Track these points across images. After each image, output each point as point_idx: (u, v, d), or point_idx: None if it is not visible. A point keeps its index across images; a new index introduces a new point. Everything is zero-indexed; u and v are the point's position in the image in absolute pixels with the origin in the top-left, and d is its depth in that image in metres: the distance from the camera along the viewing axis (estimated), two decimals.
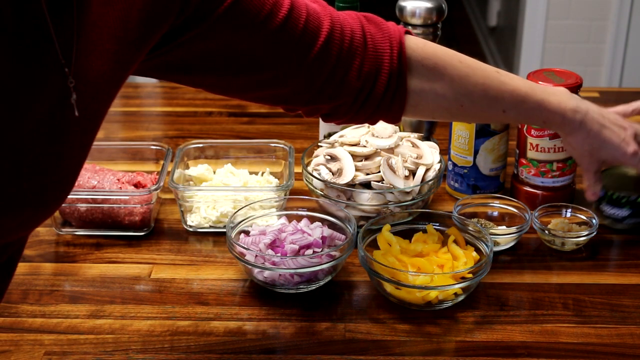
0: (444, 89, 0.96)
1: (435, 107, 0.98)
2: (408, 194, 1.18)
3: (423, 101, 0.96)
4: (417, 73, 0.95)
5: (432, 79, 0.95)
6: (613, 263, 1.15)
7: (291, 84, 0.91)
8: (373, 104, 0.94)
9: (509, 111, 1.00)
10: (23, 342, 0.99)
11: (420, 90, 0.95)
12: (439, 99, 0.97)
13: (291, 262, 1.04)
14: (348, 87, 0.92)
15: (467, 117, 1.10)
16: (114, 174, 1.22)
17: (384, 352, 0.98)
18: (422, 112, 0.99)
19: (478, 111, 1.00)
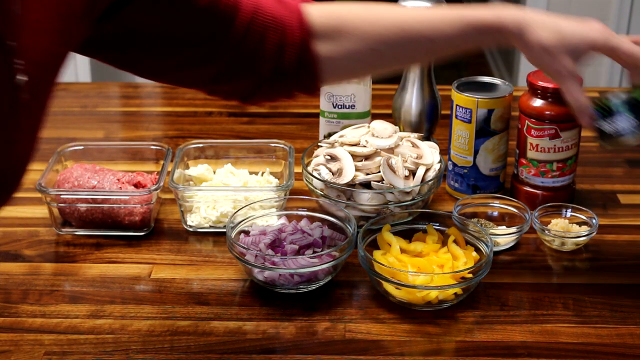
0: (356, 43, 0.94)
1: (355, 65, 0.96)
2: (408, 194, 1.18)
3: (338, 62, 0.95)
4: (323, 37, 0.93)
5: (340, 39, 0.93)
6: (613, 263, 1.15)
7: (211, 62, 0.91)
8: (286, 77, 0.94)
9: (437, 40, 0.95)
10: (23, 342, 0.99)
11: (331, 53, 0.94)
12: (354, 55, 0.94)
13: (291, 262, 1.04)
14: (262, 62, 0.92)
15: (395, 63, 1.01)
16: (114, 174, 1.22)
17: (384, 352, 0.98)
18: (344, 74, 0.98)
19: (402, 52, 0.96)
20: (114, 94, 1.78)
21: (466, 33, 0.95)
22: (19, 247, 1.18)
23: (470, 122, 1.25)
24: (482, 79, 1.30)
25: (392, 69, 1.05)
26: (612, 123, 1.02)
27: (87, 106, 1.67)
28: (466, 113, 1.25)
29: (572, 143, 1.23)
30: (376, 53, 0.95)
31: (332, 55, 0.94)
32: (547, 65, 0.98)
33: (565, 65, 0.96)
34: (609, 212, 1.27)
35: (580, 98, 0.99)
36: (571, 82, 0.98)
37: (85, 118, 1.62)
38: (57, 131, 1.56)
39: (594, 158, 1.45)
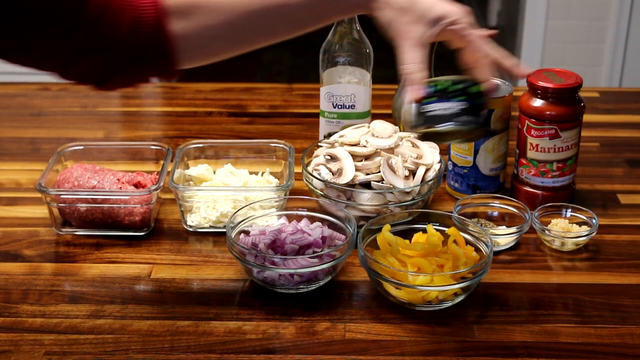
0: (210, 18, 0.92)
1: (212, 41, 0.94)
2: (408, 194, 1.18)
3: (195, 41, 0.93)
4: (177, 14, 0.92)
5: (193, 14, 0.92)
6: (613, 263, 1.15)
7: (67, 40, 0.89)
8: (141, 58, 0.92)
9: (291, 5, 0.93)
10: (23, 342, 0.99)
11: (186, 30, 0.92)
12: (209, 31, 0.93)
13: (291, 262, 1.04)
14: (116, 40, 0.90)
15: (256, 36, 0.97)
16: (114, 174, 1.22)
17: (384, 352, 0.98)
18: (202, 53, 0.95)
19: (259, 23, 0.94)
20: (114, 94, 1.78)
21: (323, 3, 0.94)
22: (19, 247, 1.18)
23: None
24: None
25: (257, 43, 1.01)
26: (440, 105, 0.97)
27: (87, 106, 1.67)
28: None
29: (572, 143, 1.24)
30: (233, 27, 0.93)
31: (186, 33, 0.92)
32: (393, 24, 0.95)
33: (412, 28, 0.94)
34: (609, 212, 1.27)
35: (415, 66, 0.95)
36: (412, 46, 0.95)
37: (85, 118, 1.62)
38: (57, 131, 1.56)
39: (594, 158, 1.45)
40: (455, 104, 0.95)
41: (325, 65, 1.34)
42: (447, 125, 0.96)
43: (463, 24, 0.97)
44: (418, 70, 0.95)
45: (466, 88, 0.97)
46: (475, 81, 0.99)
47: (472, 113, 0.96)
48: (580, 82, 1.22)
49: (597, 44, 3.29)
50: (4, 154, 1.47)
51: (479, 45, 0.98)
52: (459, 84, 0.97)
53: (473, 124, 0.97)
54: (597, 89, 1.81)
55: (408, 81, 0.96)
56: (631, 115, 1.65)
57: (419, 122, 0.96)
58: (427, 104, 0.96)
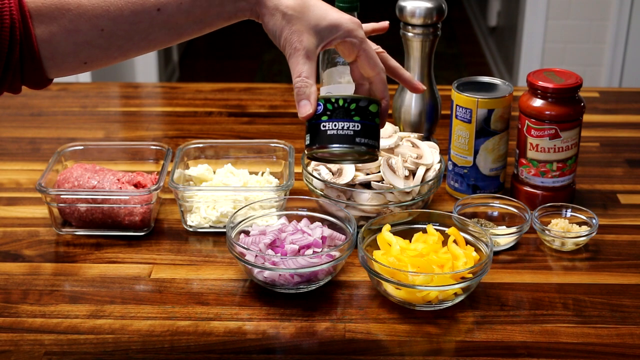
0: (77, 22, 0.84)
1: (79, 47, 0.85)
2: (408, 194, 1.18)
3: (60, 46, 0.85)
4: (40, 19, 0.84)
5: (56, 17, 0.84)
6: (613, 263, 1.15)
7: None
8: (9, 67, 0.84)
9: (166, 9, 0.85)
10: (23, 342, 0.99)
11: (49, 36, 0.84)
12: (74, 35, 0.85)
13: (291, 262, 1.04)
14: None
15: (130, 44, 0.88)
16: (114, 174, 1.22)
17: (384, 352, 0.98)
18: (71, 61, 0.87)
19: (133, 29, 0.86)
20: (114, 94, 1.78)
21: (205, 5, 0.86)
22: (19, 247, 1.18)
23: (470, 122, 1.25)
24: (482, 79, 1.30)
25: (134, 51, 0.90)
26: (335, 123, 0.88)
27: (87, 106, 1.67)
28: (466, 113, 1.25)
29: (572, 143, 1.24)
30: (101, 31, 0.85)
31: (50, 39, 0.85)
32: (282, 33, 0.88)
33: (302, 38, 0.87)
34: (609, 212, 1.27)
35: (307, 81, 0.88)
36: (303, 59, 0.87)
37: (85, 118, 1.62)
38: (57, 131, 1.56)
39: (594, 158, 1.45)
40: (349, 124, 0.87)
41: (325, 65, 1.34)
42: (340, 147, 0.88)
43: (356, 37, 0.89)
44: (309, 84, 0.88)
45: (361, 107, 0.88)
46: (371, 100, 0.90)
47: (366, 135, 0.88)
48: (580, 82, 1.22)
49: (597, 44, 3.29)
50: (4, 154, 1.47)
51: (372, 60, 0.90)
52: (353, 103, 0.88)
53: (367, 146, 0.88)
54: (597, 89, 1.81)
55: (297, 96, 0.89)
56: (631, 115, 1.65)
57: (312, 141, 0.89)
58: (324, 121, 0.88)
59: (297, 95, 0.89)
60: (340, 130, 0.86)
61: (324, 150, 0.88)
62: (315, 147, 0.88)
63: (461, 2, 5.08)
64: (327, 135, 0.87)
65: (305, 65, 0.88)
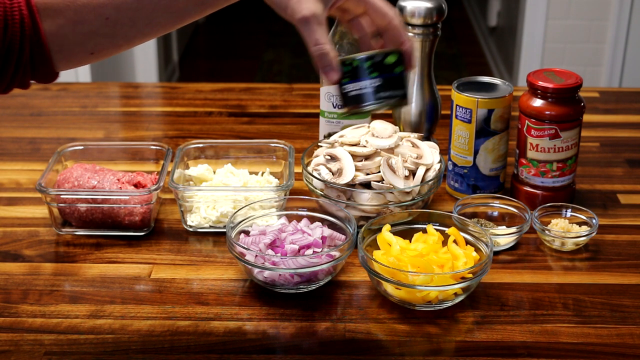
0: (82, 13, 0.85)
1: (85, 38, 0.87)
2: (408, 194, 1.18)
3: (67, 38, 0.86)
4: (47, 13, 0.85)
5: (63, 10, 0.85)
6: (613, 263, 1.15)
7: None
8: (14, 60, 0.85)
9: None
10: (23, 342, 0.99)
11: (57, 28, 0.85)
12: (79, 26, 0.86)
13: (291, 262, 1.04)
14: None
15: (136, 32, 0.89)
16: (114, 174, 1.22)
17: (384, 352, 0.98)
18: (79, 52, 0.88)
19: (137, 16, 0.87)
20: (114, 94, 1.78)
21: None
22: (19, 247, 1.18)
23: (470, 122, 1.25)
24: (482, 79, 1.30)
25: (139, 38, 0.91)
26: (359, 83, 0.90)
27: (87, 106, 1.67)
28: (466, 113, 1.25)
29: (572, 143, 1.24)
30: (105, 20, 0.86)
31: (58, 32, 0.86)
32: (286, 4, 0.85)
33: (307, 5, 0.84)
34: (609, 212, 1.27)
35: (324, 47, 0.86)
36: (315, 26, 0.84)
37: (85, 118, 1.62)
38: (57, 131, 1.56)
39: (594, 158, 1.45)
40: (368, 81, 0.89)
41: None
42: (367, 105, 0.90)
43: None
44: (327, 50, 0.86)
45: (377, 63, 0.89)
46: (386, 52, 0.89)
47: (389, 87, 0.90)
48: (580, 82, 1.22)
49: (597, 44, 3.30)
50: (4, 154, 1.47)
51: (382, 8, 0.88)
52: (368, 60, 0.88)
53: (392, 98, 0.90)
54: (597, 89, 1.81)
55: (320, 64, 0.87)
56: (631, 115, 1.65)
57: (342, 103, 0.90)
58: (345, 84, 0.89)
59: (319, 63, 0.87)
60: (362, 89, 0.88)
61: (354, 110, 0.91)
62: (346, 110, 0.91)
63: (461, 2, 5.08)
64: (351, 97, 0.89)
65: (318, 31, 0.85)
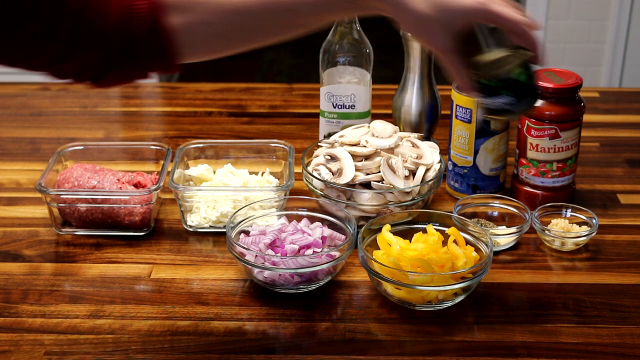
0: (210, 14, 0.89)
1: (211, 38, 0.91)
2: (408, 194, 1.18)
3: (194, 36, 0.89)
4: (176, 8, 0.88)
5: (193, 9, 0.88)
6: (613, 263, 1.15)
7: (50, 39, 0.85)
8: (138, 52, 0.88)
9: (299, 8, 0.89)
10: (23, 342, 0.99)
11: (185, 24, 0.88)
12: (208, 26, 0.89)
13: (291, 262, 1.04)
14: (106, 34, 0.86)
15: (254, 36, 0.94)
16: (114, 174, 1.22)
17: (384, 352, 0.98)
18: (202, 48, 0.92)
19: (260, 23, 0.90)
20: (114, 94, 1.78)
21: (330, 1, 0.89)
22: (19, 247, 1.18)
23: (470, 122, 1.25)
24: None
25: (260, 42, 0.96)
26: (495, 100, 0.98)
27: (87, 106, 1.67)
28: (466, 113, 1.25)
29: (572, 143, 1.24)
30: (234, 25, 0.90)
31: (186, 28, 0.89)
32: (423, 38, 0.92)
33: (442, 40, 0.90)
34: (609, 212, 1.27)
35: (461, 74, 0.94)
36: (450, 56, 0.92)
37: (85, 118, 1.62)
38: (57, 131, 1.56)
39: (594, 158, 1.45)
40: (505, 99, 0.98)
41: (325, 65, 1.34)
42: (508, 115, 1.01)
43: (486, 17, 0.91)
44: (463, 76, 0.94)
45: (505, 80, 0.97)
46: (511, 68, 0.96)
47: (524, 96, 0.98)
48: (580, 82, 1.22)
49: (597, 44, 3.29)
50: (4, 154, 1.47)
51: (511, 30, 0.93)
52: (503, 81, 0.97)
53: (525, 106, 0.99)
54: (597, 89, 1.81)
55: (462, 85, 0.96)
56: (631, 115, 1.65)
57: (482, 113, 1.02)
58: (484, 100, 0.99)
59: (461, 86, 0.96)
60: (499, 104, 0.98)
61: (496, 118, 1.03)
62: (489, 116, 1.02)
63: None
64: (490, 109, 0.98)
65: (454, 61, 0.92)
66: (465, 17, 0.90)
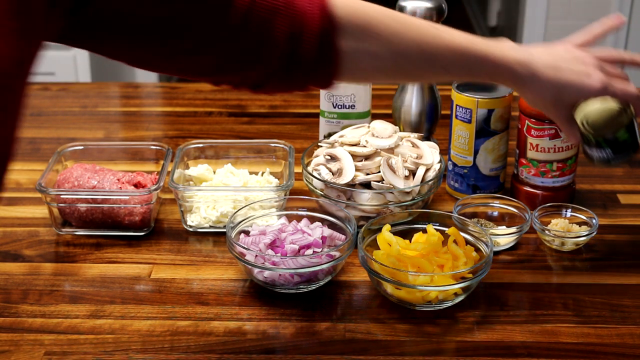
0: (378, 48, 0.92)
1: (371, 69, 0.94)
2: (408, 194, 1.18)
3: (357, 63, 0.92)
4: (348, 33, 0.90)
5: (364, 39, 0.91)
6: (613, 263, 1.15)
7: (210, 50, 0.87)
8: (301, 67, 0.90)
9: (450, 67, 0.97)
10: (23, 342, 0.99)
11: (353, 51, 0.91)
12: (373, 59, 0.93)
13: (291, 262, 1.04)
14: (270, 50, 0.88)
15: (407, 77, 1.05)
16: (114, 174, 1.22)
17: (384, 352, 0.98)
18: (359, 75, 0.96)
19: (417, 70, 0.97)
20: (114, 94, 1.78)
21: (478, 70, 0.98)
22: (19, 247, 1.18)
23: (470, 122, 1.25)
24: None
25: (402, 81, 1.11)
26: (599, 152, 1.09)
27: (87, 106, 1.67)
28: (466, 113, 1.25)
29: (572, 143, 1.23)
30: (394, 64, 0.94)
31: (353, 54, 0.92)
32: (543, 111, 1.06)
33: (561, 112, 1.02)
34: (609, 212, 1.27)
35: (573, 137, 1.06)
36: (566, 125, 1.03)
37: (85, 118, 1.62)
38: (57, 131, 1.56)
39: None
40: (606, 151, 1.09)
41: None
42: (609, 164, 1.11)
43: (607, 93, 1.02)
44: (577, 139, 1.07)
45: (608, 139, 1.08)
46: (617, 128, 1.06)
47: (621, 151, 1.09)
48: None
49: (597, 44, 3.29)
50: None
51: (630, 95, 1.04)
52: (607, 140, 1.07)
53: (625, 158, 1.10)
54: None
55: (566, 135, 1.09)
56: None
57: (589, 159, 1.11)
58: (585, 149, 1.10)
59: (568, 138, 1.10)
60: (601, 155, 1.09)
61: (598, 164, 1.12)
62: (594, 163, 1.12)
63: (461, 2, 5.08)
64: (595, 157, 1.10)
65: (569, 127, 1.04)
66: (584, 98, 1.01)
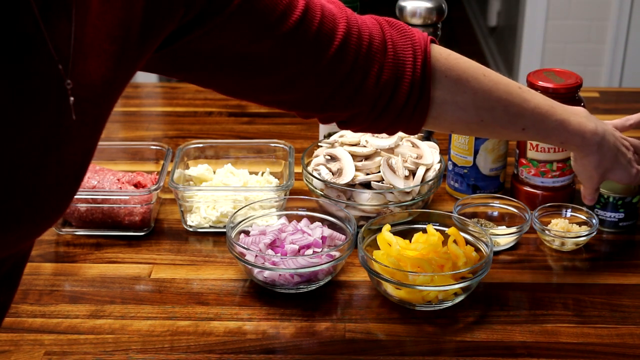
0: (466, 103, 0.93)
1: (456, 120, 0.95)
2: (408, 194, 1.18)
3: (444, 113, 0.94)
4: (440, 84, 0.92)
5: (454, 91, 0.92)
6: (613, 263, 1.15)
7: (303, 88, 0.88)
8: (392, 113, 0.91)
9: (528, 129, 0.98)
10: (23, 342, 0.99)
11: (442, 101, 0.92)
12: (460, 112, 0.94)
13: (291, 262, 1.04)
14: (365, 94, 0.89)
15: (486, 132, 1.07)
16: (114, 174, 1.22)
17: (384, 352, 0.98)
18: (442, 124, 0.96)
19: (497, 127, 0.98)
20: None
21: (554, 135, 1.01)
22: None
23: None
24: None
25: (480, 135, 1.17)
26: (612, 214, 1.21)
27: None
28: None
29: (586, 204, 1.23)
30: (478, 119, 0.95)
31: (443, 104, 0.93)
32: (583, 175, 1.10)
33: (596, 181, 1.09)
34: None
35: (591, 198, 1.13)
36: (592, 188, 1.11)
37: None
38: None
39: None
40: (617, 214, 1.21)
41: None
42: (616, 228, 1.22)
43: None
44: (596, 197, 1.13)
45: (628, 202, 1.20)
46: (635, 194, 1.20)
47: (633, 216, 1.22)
48: (580, 82, 1.22)
49: (597, 44, 3.29)
50: None
51: None
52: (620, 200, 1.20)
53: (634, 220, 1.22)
54: (597, 89, 1.80)
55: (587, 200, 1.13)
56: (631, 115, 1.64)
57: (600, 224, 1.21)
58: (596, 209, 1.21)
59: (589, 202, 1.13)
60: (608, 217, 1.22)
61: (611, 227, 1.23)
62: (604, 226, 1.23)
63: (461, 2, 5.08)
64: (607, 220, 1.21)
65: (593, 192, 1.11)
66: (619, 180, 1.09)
